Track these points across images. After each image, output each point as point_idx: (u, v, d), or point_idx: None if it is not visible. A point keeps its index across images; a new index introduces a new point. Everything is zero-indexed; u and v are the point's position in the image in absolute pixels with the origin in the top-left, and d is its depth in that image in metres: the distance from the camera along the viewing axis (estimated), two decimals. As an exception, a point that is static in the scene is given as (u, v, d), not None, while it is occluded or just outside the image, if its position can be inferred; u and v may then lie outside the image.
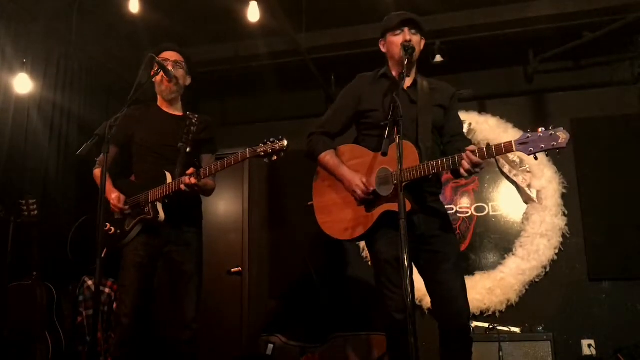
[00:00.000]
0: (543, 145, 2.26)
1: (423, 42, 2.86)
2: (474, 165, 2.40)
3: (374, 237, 2.70)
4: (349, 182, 2.73)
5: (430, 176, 2.53)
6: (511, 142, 2.32)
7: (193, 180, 2.85)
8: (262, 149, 2.74)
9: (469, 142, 2.75)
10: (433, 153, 2.60)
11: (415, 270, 2.72)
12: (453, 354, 2.61)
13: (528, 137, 2.29)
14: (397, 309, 2.51)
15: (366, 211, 2.70)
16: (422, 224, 2.64)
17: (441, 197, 2.85)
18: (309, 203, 2.98)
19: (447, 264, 2.62)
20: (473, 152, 2.39)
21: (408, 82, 2.81)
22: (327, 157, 2.86)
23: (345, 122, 2.91)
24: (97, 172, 3.22)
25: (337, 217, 2.83)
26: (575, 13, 4.45)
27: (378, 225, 2.65)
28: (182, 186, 2.86)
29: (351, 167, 2.78)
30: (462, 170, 2.45)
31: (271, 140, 2.74)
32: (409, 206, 2.50)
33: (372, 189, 2.65)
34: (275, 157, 2.74)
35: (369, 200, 2.69)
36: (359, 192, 2.67)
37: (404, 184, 2.48)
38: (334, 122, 2.93)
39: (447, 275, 2.61)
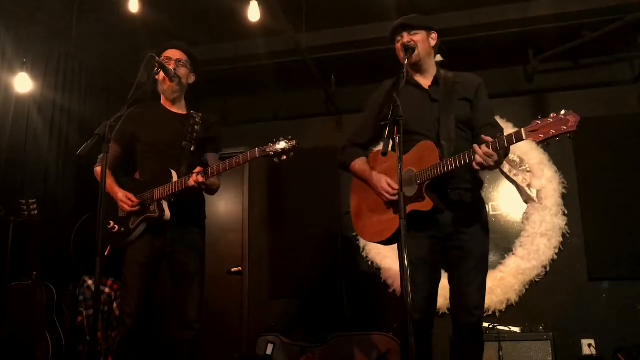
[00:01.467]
0: (553, 131, 2.19)
1: (433, 35, 2.87)
2: (485, 156, 2.36)
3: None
4: (376, 186, 2.77)
5: (451, 172, 2.51)
6: (520, 130, 2.28)
7: (201, 179, 2.84)
8: (271, 149, 2.73)
9: (501, 130, 2.69)
10: (459, 148, 2.56)
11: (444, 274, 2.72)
12: (462, 352, 2.63)
13: (537, 123, 2.24)
14: (416, 309, 2.49)
15: (394, 213, 2.71)
16: (451, 222, 2.63)
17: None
18: (347, 211, 3.07)
19: (469, 262, 2.62)
20: (485, 144, 2.37)
21: (428, 81, 2.82)
22: (357, 165, 2.92)
23: (372, 131, 2.94)
24: (97, 169, 3.20)
25: (369, 221, 2.87)
26: (575, 13, 4.45)
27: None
28: (191, 182, 2.86)
29: (382, 171, 2.81)
30: (474, 164, 2.42)
31: (280, 140, 2.74)
32: (429, 205, 2.53)
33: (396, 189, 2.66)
34: (285, 157, 2.74)
35: (396, 202, 2.69)
36: (385, 194, 2.71)
37: (426, 183, 2.55)
38: (362, 133, 2.98)
39: (466, 274, 2.62)
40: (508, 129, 4.87)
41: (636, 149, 4.62)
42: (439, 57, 4.70)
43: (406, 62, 2.65)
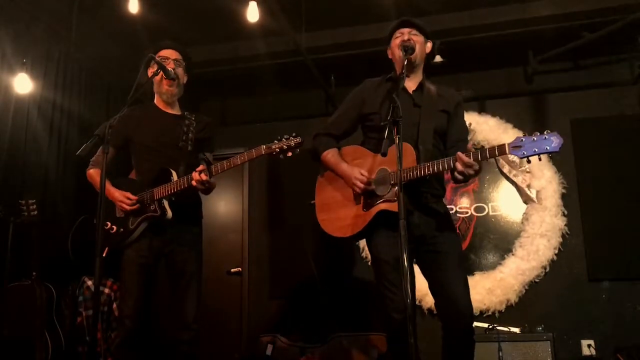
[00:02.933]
0: (536, 149, 2.28)
1: (429, 44, 2.89)
2: (466, 165, 2.41)
3: (372, 237, 2.72)
4: (348, 176, 2.76)
5: (427, 177, 2.54)
6: (504, 144, 2.35)
7: (204, 177, 2.84)
8: (277, 146, 2.74)
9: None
10: (433, 156, 2.61)
11: (416, 270, 2.73)
12: (455, 355, 2.62)
13: (522, 140, 2.32)
14: (397, 309, 2.52)
15: (363, 210, 2.72)
16: (421, 225, 2.65)
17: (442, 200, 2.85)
18: (312, 202, 3.02)
19: (449, 264, 2.63)
20: (467, 153, 2.41)
21: (413, 85, 2.83)
22: (329, 155, 2.91)
23: (349, 125, 2.96)
24: (91, 172, 3.20)
25: (336, 214, 2.85)
26: (574, 13, 4.45)
27: (375, 224, 2.67)
28: (194, 182, 2.86)
29: (355, 165, 2.80)
30: (456, 173, 2.47)
31: (285, 137, 2.75)
32: None
33: (371, 178, 2.68)
34: (290, 154, 2.75)
35: (367, 200, 2.70)
36: (358, 183, 2.70)
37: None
38: (338, 125, 2.98)
39: (449, 276, 2.62)
40: (507, 129, 4.89)
41: (636, 149, 4.62)
42: (438, 58, 4.74)
43: (405, 62, 2.65)
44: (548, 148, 2.26)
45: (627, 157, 4.64)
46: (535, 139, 2.29)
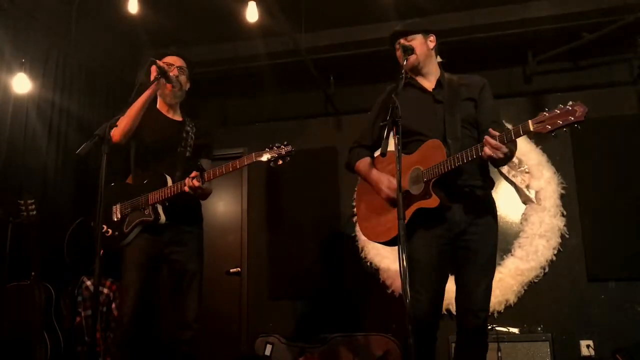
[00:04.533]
0: (560, 122, 2.20)
1: (431, 38, 2.89)
2: (494, 148, 2.36)
3: (410, 237, 2.67)
4: (377, 184, 2.79)
5: (457, 168, 2.50)
6: (528, 121, 2.28)
7: (197, 183, 2.86)
8: (268, 154, 2.75)
9: (505, 129, 2.72)
10: (465, 147, 2.55)
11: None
12: (467, 354, 2.63)
13: (545, 115, 2.25)
14: (420, 310, 2.50)
15: None
16: (461, 222, 2.62)
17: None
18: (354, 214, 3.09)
19: (476, 263, 2.62)
20: (493, 137, 2.37)
21: (430, 83, 2.84)
22: (360, 165, 2.96)
23: (377, 134, 2.93)
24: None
25: (374, 221, 2.87)
26: (573, 14, 4.46)
27: (412, 224, 2.62)
28: (186, 188, 2.88)
29: (388, 171, 2.81)
30: (483, 155, 2.41)
31: (277, 145, 2.76)
32: (436, 202, 2.52)
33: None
34: (281, 162, 2.76)
35: (404, 201, 2.69)
36: (385, 189, 2.72)
37: (432, 180, 2.55)
38: (367, 135, 3.00)
39: (473, 275, 2.62)
40: (507, 129, 4.89)
41: (635, 150, 4.62)
42: (437, 58, 4.72)
43: (405, 62, 2.66)
44: (572, 119, 2.18)
45: (626, 157, 4.64)
46: (558, 111, 2.22)
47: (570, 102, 2.21)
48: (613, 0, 4.35)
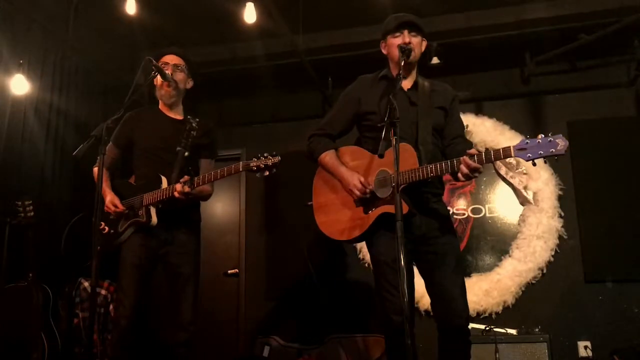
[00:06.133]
0: (541, 152, 2.26)
1: (424, 43, 2.86)
2: (472, 170, 2.39)
3: (372, 238, 2.71)
4: (347, 182, 2.73)
5: (429, 179, 2.53)
6: (510, 147, 2.32)
7: (186, 189, 2.86)
8: (254, 164, 2.74)
9: (470, 145, 2.76)
10: (433, 155, 2.61)
11: (415, 273, 2.73)
12: (451, 355, 2.62)
13: (527, 142, 2.29)
14: (395, 310, 2.51)
15: (364, 212, 2.70)
16: (422, 225, 2.64)
17: (441, 199, 2.85)
18: (309, 203, 2.99)
19: (446, 265, 2.63)
20: (471, 156, 2.39)
21: (408, 83, 2.82)
22: (327, 157, 2.86)
23: (345, 124, 2.92)
24: (96, 170, 3.22)
25: (335, 217, 2.83)
26: (571, 15, 4.46)
27: (376, 227, 2.66)
28: (176, 193, 2.88)
29: (351, 168, 2.78)
30: (459, 175, 2.45)
31: (265, 155, 2.75)
32: (406, 209, 2.50)
33: (370, 188, 2.66)
34: (267, 173, 2.74)
35: (367, 202, 2.69)
36: (356, 192, 2.68)
37: (402, 187, 2.48)
38: (334, 124, 2.93)
39: (446, 277, 2.62)
40: (505, 131, 4.90)
41: (632, 151, 4.63)
42: (435, 60, 4.74)
43: (402, 63, 2.64)
44: (553, 151, 2.23)
45: (623, 158, 4.65)
46: (540, 141, 2.26)
47: (551, 135, 2.26)
48: (610, 2, 4.36)
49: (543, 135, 2.28)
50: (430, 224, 2.66)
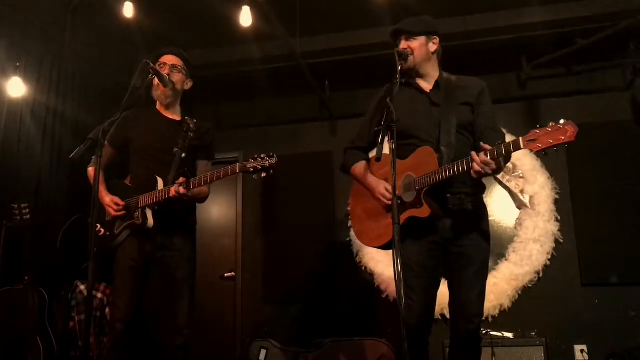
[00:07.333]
0: (551, 141, 2.21)
1: (434, 40, 2.85)
2: (483, 164, 2.36)
3: (401, 242, 2.68)
4: (373, 191, 2.77)
5: (447, 179, 2.49)
6: (519, 139, 2.28)
7: (182, 191, 2.83)
8: (251, 165, 2.72)
9: (501, 135, 2.70)
10: (458, 154, 2.54)
11: (443, 281, 2.71)
12: (460, 358, 2.63)
13: (536, 132, 2.25)
14: (412, 315, 2.49)
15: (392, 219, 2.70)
16: (449, 229, 2.62)
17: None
18: (348, 213, 3.05)
19: (469, 268, 2.62)
20: (483, 152, 2.36)
21: (429, 85, 2.82)
22: (357, 169, 2.93)
23: (374, 135, 2.89)
24: (90, 170, 3.21)
25: (368, 225, 2.88)
26: (568, 20, 4.47)
27: (404, 230, 2.58)
28: (172, 193, 2.86)
29: (382, 175, 2.80)
30: (472, 172, 2.42)
31: (262, 156, 2.72)
32: (427, 211, 2.52)
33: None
34: (265, 174, 2.71)
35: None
36: (382, 199, 2.71)
37: (424, 190, 2.54)
38: (363, 136, 2.97)
39: (467, 280, 2.62)
40: (501, 135, 4.91)
41: (628, 155, 4.65)
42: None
43: (399, 67, 2.65)
44: (563, 138, 2.18)
45: (619, 162, 4.66)
46: (549, 129, 2.22)
47: (562, 121, 2.21)
48: (606, 6, 4.37)
49: (553, 123, 2.23)
50: (459, 226, 2.63)
